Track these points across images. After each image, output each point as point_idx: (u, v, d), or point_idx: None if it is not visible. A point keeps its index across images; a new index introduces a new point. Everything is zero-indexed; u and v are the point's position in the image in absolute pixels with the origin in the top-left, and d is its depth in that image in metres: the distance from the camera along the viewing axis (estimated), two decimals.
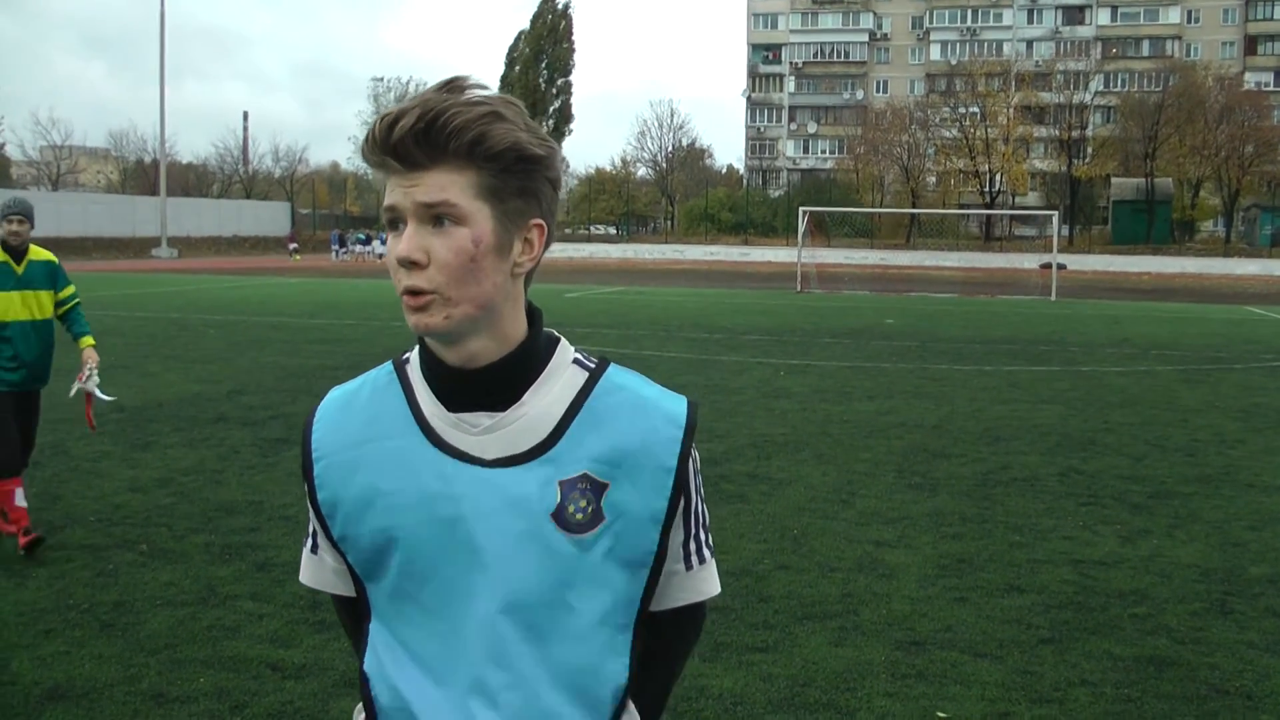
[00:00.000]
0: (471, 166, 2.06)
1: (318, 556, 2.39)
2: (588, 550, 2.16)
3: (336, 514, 2.25)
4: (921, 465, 13.51)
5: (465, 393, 2.17)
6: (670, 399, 2.26)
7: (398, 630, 2.24)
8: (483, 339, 2.14)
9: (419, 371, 2.24)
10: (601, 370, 2.25)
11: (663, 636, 2.36)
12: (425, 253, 2.05)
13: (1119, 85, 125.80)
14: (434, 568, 2.18)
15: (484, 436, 2.15)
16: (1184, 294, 58.68)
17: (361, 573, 2.27)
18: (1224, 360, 25.98)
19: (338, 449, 2.25)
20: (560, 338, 2.27)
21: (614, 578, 2.19)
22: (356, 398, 2.29)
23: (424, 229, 2.06)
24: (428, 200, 2.04)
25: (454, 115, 2.02)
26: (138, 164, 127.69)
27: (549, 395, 2.18)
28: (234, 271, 66.08)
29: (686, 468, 2.23)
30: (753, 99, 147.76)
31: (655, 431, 2.20)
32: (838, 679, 7.11)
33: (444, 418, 2.18)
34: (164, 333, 27.96)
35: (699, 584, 2.35)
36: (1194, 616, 8.38)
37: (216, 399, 17.50)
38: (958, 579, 9.16)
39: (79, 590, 8.48)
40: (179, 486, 11.73)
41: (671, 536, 2.25)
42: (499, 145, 2.06)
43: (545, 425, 2.16)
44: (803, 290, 53.34)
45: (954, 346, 28.16)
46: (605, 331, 30.38)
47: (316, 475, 2.27)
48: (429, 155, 2.04)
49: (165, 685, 6.82)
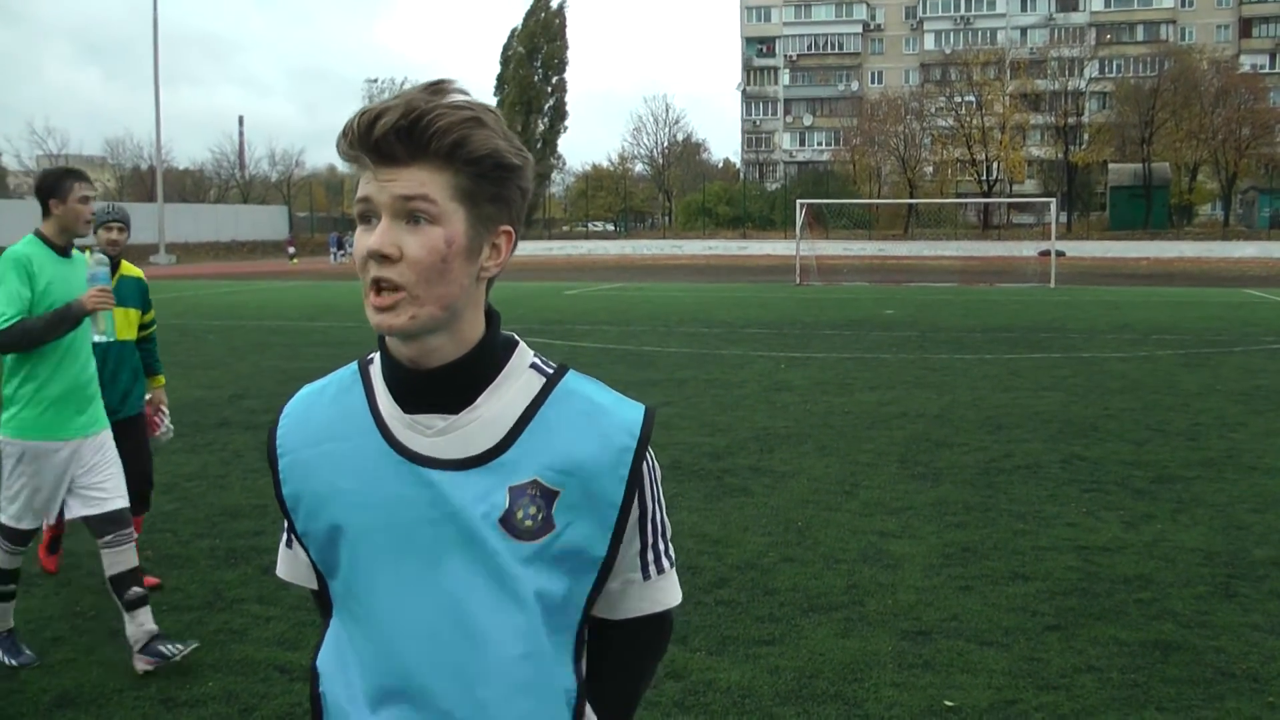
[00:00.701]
0: (450, 168, 2.07)
1: (292, 550, 2.41)
2: (535, 557, 2.15)
3: (299, 509, 2.27)
4: (924, 455, 13.52)
5: (420, 393, 2.17)
6: (626, 406, 2.26)
7: (347, 627, 2.27)
8: (440, 338, 2.14)
9: (379, 372, 2.25)
10: (559, 376, 2.25)
11: (623, 647, 2.38)
12: (397, 248, 2.06)
13: (1114, 71, 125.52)
14: (382, 567, 2.19)
15: (437, 438, 2.16)
16: (1183, 278, 58.71)
17: (321, 568, 2.30)
18: (1224, 343, 26.00)
19: (300, 446, 2.27)
20: (519, 341, 2.28)
21: (560, 585, 2.19)
22: (321, 397, 2.31)
23: (398, 224, 2.06)
24: (406, 193, 2.05)
25: (438, 116, 2.03)
26: (134, 171, 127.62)
27: (503, 399, 2.19)
28: (232, 276, 66.09)
29: (641, 476, 2.23)
30: (747, 92, 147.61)
31: (609, 439, 2.20)
32: (845, 670, 7.12)
33: (400, 419, 2.19)
34: (164, 339, 27.73)
35: (657, 594, 2.35)
36: (1199, 600, 8.39)
37: (218, 404, 17.51)
38: (962, 568, 9.18)
39: (86, 597, 8.51)
40: (183, 492, 11.74)
41: (626, 546, 2.26)
42: (479, 150, 2.07)
43: (498, 429, 2.17)
44: (802, 283, 53.33)
45: (954, 336, 28.19)
46: (605, 328, 30.36)
47: (280, 471, 2.29)
48: (409, 152, 2.04)
49: (173, 690, 6.84)
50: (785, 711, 6.55)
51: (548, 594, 2.18)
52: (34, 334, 6.87)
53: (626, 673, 2.41)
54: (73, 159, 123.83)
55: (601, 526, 2.19)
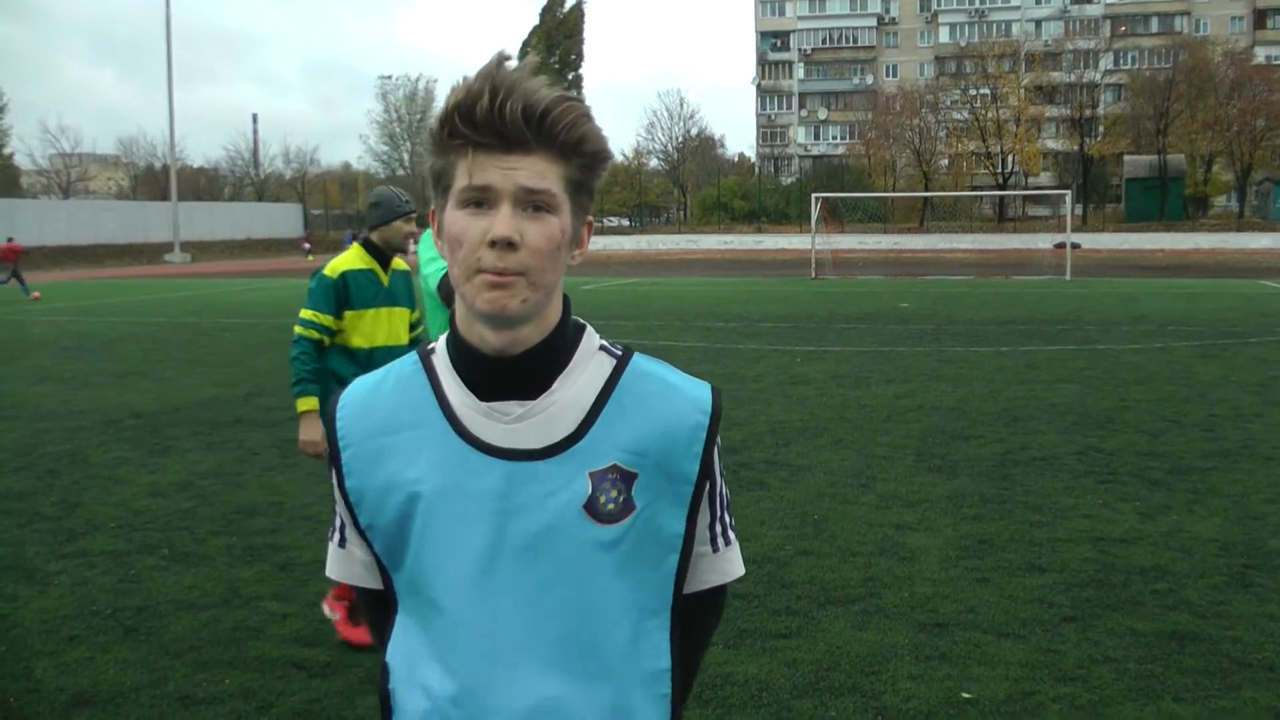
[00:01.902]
0: (566, 160, 2.11)
1: (345, 550, 2.38)
2: (620, 539, 2.17)
3: (364, 502, 2.25)
4: (940, 447, 13.51)
5: (499, 380, 2.18)
6: (695, 385, 2.29)
7: (418, 621, 2.24)
8: (533, 324, 2.16)
9: (446, 361, 2.24)
10: (628, 358, 2.27)
11: (690, 619, 2.37)
12: (519, 235, 2.07)
13: (1129, 63, 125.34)
14: (459, 560, 2.18)
15: (515, 425, 2.16)
16: (1198, 270, 58.56)
17: (387, 563, 2.28)
18: (1240, 335, 25.92)
19: (364, 437, 2.25)
20: (586, 324, 2.30)
21: (646, 565, 2.21)
22: (381, 387, 2.29)
23: (518, 212, 2.08)
24: (532, 185, 2.07)
25: (566, 110, 2.07)
26: (148, 169, 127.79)
27: (578, 383, 2.20)
28: (248, 274, 66.21)
29: (712, 453, 2.26)
30: (762, 86, 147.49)
31: (682, 418, 2.22)
32: (862, 663, 7.11)
33: (474, 407, 2.18)
34: (179, 337, 28.00)
35: (725, 565, 2.37)
36: (1215, 590, 8.38)
37: (234, 401, 17.54)
38: (979, 560, 9.16)
39: (102, 596, 8.51)
40: (199, 490, 11.75)
41: (699, 520, 2.28)
42: (594, 145, 2.13)
43: (575, 414, 2.18)
44: (817, 277, 53.26)
45: (970, 328, 28.13)
46: (621, 323, 30.36)
47: (345, 463, 2.26)
48: (536, 141, 2.07)
49: (191, 688, 6.85)
50: (802, 704, 6.55)
51: (638, 575, 2.20)
52: None
53: (692, 644, 2.41)
54: (86, 158, 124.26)
55: (678, 503, 2.22)
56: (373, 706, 6.41)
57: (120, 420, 15.83)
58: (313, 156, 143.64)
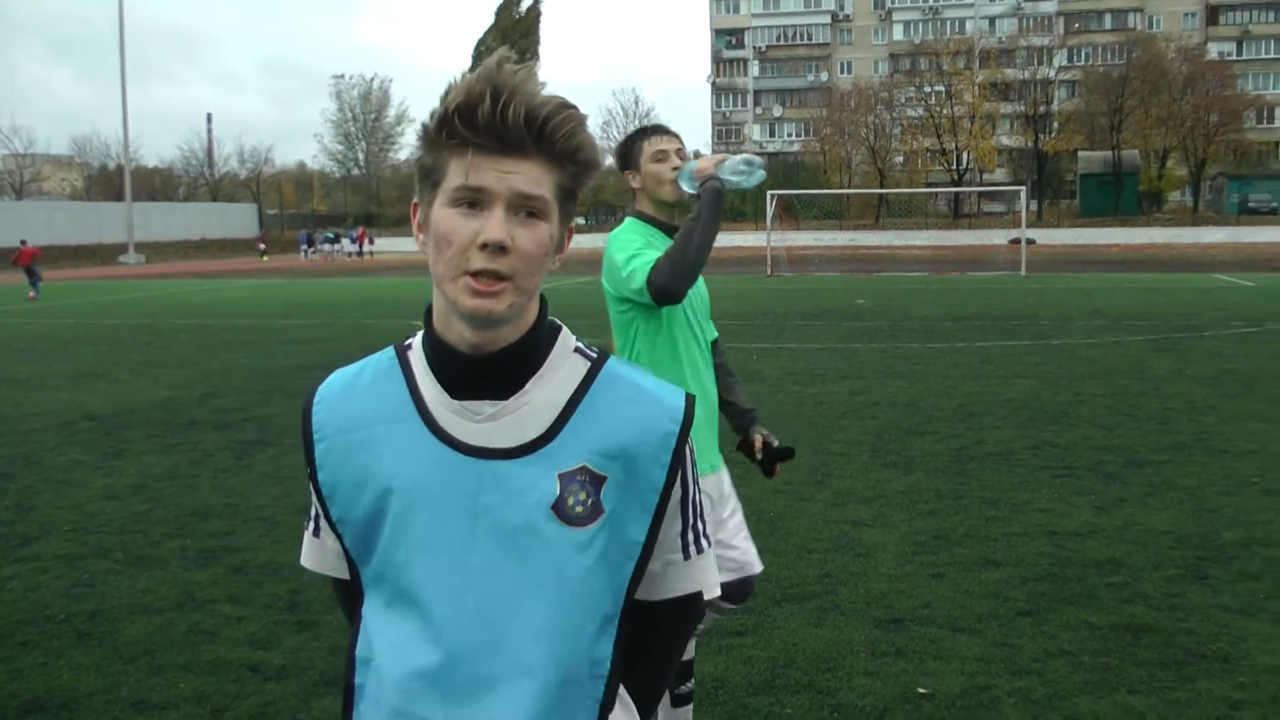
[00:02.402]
0: (559, 167, 2.12)
1: (319, 540, 2.39)
2: (587, 543, 2.17)
3: (336, 495, 2.25)
4: (896, 443, 13.53)
5: (473, 379, 2.18)
6: (669, 392, 2.29)
7: (383, 615, 2.25)
8: (512, 324, 2.17)
9: (422, 357, 2.25)
10: (602, 361, 2.28)
11: (660, 627, 2.38)
12: (511, 239, 2.08)
13: (1083, 59, 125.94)
14: (426, 555, 2.19)
15: (486, 424, 2.17)
16: (1153, 264, 58.86)
17: (355, 556, 2.28)
18: (1194, 328, 26.07)
19: (338, 431, 2.26)
20: (562, 325, 2.31)
21: (607, 569, 2.20)
22: (358, 381, 2.30)
23: (510, 216, 2.09)
24: (528, 191, 2.08)
25: (567, 119, 2.09)
26: (102, 170, 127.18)
27: (551, 384, 2.21)
28: (203, 275, 65.93)
29: (684, 459, 2.26)
30: (717, 84, 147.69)
31: (653, 425, 2.22)
32: (818, 659, 7.12)
33: (447, 405, 2.19)
34: (134, 339, 27.87)
35: (697, 573, 2.37)
36: (1169, 583, 8.41)
37: (189, 403, 17.45)
38: (934, 555, 9.19)
39: (55, 600, 8.45)
40: (153, 492, 11.69)
41: (667, 527, 2.28)
42: (588, 154, 2.15)
43: (547, 415, 2.18)
44: (773, 274, 53.37)
45: (925, 325, 28.22)
46: (577, 322, 29.88)
47: (318, 456, 2.27)
48: (534, 146, 2.08)
49: (145, 692, 6.80)
50: (759, 702, 6.55)
51: (597, 579, 2.20)
52: (690, 247, 5.39)
53: (662, 654, 2.42)
54: (40, 158, 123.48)
55: (643, 510, 2.22)
56: (328, 709, 6.39)
57: (74, 423, 15.74)
58: (267, 156, 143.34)
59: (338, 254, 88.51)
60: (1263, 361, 20.26)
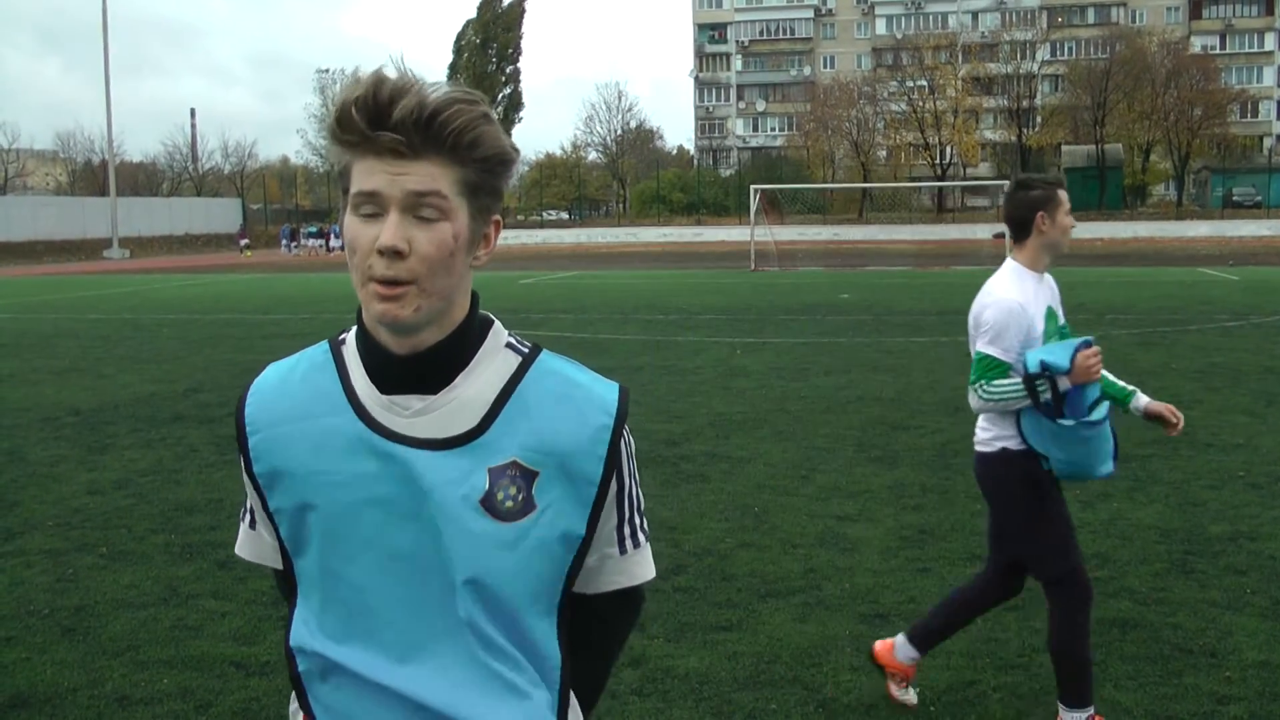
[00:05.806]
0: (460, 164, 2.08)
1: (256, 531, 2.40)
2: (518, 538, 2.17)
3: (274, 486, 2.26)
4: (880, 438, 13.53)
5: (399, 375, 2.18)
6: (603, 385, 2.28)
7: (316, 605, 2.26)
8: (434, 327, 2.15)
9: (355, 351, 2.24)
10: (534, 356, 2.26)
11: (598, 621, 2.39)
12: (408, 243, 2.05)
13: (1066, 53, 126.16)
14: (357, 547, 2.20)
15: (415, 419, 2.16)
16: (1137, 258, 58.95)
17: (290, 547, 2.29)
18: (1179, 322, 26.10)
19: (272, 424, 2.26)
20: (494, 320, 2.29)
21: (542, 563, 2.21)
22: (291, 375, 2.30)
23: (406, 219, 2.06)
24: (420, 189, 2.05)
25: (456, 113, 2.04)
26: (86, 165, 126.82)
27: (481, 379, 2.20)
28: (187, 270, 65.71)
29: (619, 453, 2.25)
30: (700, 79, 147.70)
31: (585, 419, 2.22)
32: (803, 655, 7.12)
33: (376, 399, 2.19)
34: (118, 334, 27.76)
35: (633, 567, 2.37)
36: (1156, 577, 8.43)
37: (173, 398, 17.40)
38: (919, 550, 9.19)
39: (39, 596, 8.42)
40: (137, 488, 11.65)
41: (603, 522, 2.28)
42: (490, 149, 2.10)
43: (476, 410, 2.18)
44: (757, 268, 53.31)
45: (910, 319, 28.22)
46: (561, 316, 30.34)
47: (252, 449, 2.28)
48: (425, 145, 2.04)
49: (129, 688, 6.78)
50: (744, 697, 6.54)
51: (530, 574, 2.19)
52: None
53: (601, 647, 2.43)
54: (23, 153, 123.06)
55: (580, 504, 2.22)
56: None
57: (58, 418, 15.69)
58: (251, 151, 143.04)
59: (321, 249, 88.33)
60: (1248, 355, 20.31)
